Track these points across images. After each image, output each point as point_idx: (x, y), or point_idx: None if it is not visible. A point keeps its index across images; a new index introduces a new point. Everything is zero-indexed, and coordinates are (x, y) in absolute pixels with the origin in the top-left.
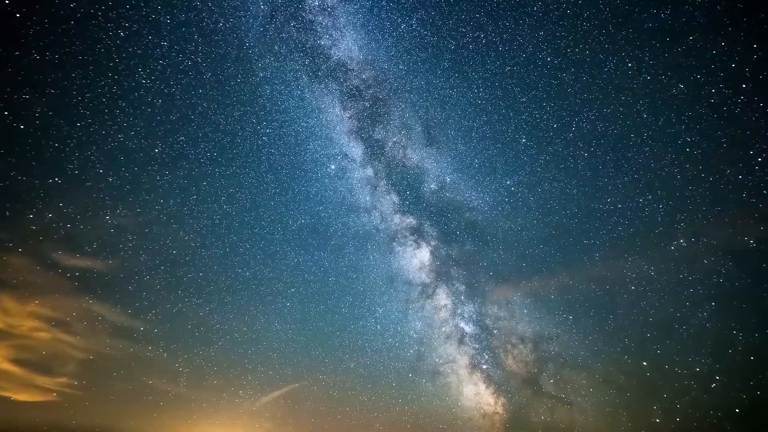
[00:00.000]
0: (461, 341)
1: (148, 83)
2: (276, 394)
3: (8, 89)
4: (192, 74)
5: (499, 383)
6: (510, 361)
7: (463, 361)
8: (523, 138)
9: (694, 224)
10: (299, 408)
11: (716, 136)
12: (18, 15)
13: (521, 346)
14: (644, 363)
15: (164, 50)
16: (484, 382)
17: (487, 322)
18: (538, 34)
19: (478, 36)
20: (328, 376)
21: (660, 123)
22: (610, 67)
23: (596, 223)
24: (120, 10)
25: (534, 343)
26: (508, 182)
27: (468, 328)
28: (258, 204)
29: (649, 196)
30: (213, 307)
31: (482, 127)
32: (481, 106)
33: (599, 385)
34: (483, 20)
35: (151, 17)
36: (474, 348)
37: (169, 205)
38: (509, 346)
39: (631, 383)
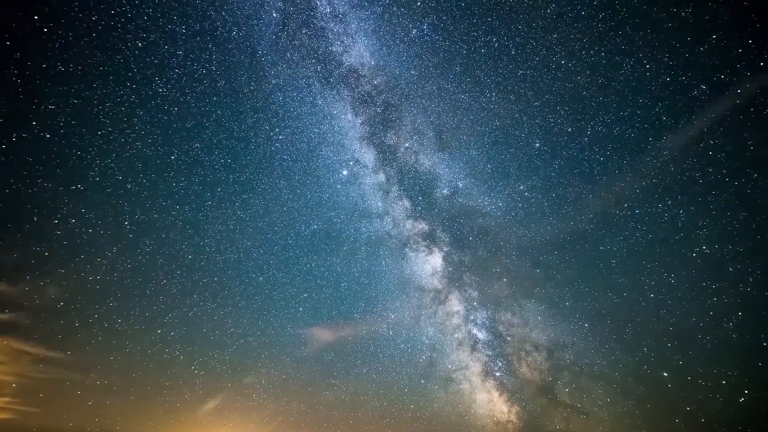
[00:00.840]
0: (474, 348)
1: (165, 92)
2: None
3: (36, 100)
4: (206, 82)
5: (512, 391)
6: (524, 369)
7: (476, 368)
8: (536, 142)
9: (718, 230)
10: (312, 412)
11: (743, 137)
12: (46, 30)
13: (535, 354)
14: (665, 374)
15: (179, 59)
16: (498, 390)
17: (500, 328)
18: (552, 37)
19: (490, 40)
20: (341, 380)
21: (681, 125)
22: (627, 68)
23: (612, 229)
24: (138, 22)
25: (548, 351)
26: (522, 187)
27: (481, 335)
28: (271, 210)
29: (668, 201)
30: (227, 311)
31: (495, 132)
32: (494, 110)
33: (617, 396)
34: (495, 24)
35: (167, 27)
36: (487, 355)
37: (185, 211)
38: (523, 354)
39: (650, 394)
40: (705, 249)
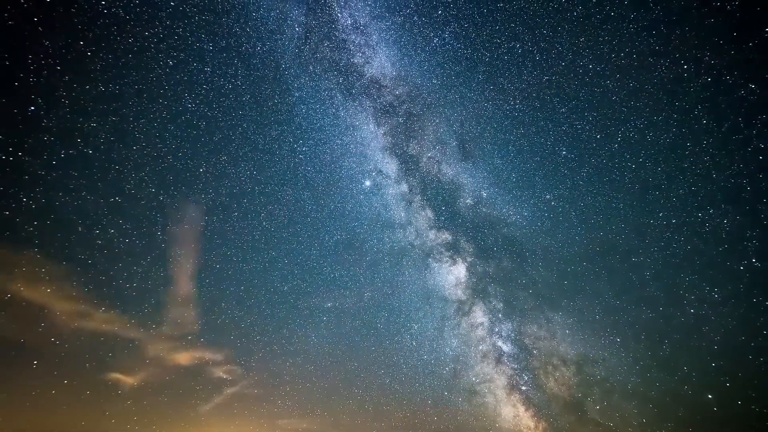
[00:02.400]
0: (499, 360)
1: (193, 107)
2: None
3: (80, 119)
4: (232, 97)
5: (539, 406)
6: (551, 384)
7: (501, 381)
8: (563, 150)
9: None
10: (335, 420)
11: None
12: (89, 53)
13: (563, 368)
14: (709, 396)
15: (207, 75)
16: (524, 404)
17: (526, 341)
18: (579, 41)
19: (514, 46)
20: (364, 390)
21: (724, 129)
22: (662, 70)
23: (646, 240)
24: (169, 41)
25: (577, 366)
26: (548, 196)
27: (506, 347)
28: (295, 220)
29: (710, 210)
30: (253, 319)
31: (519, 140)
32: (518, 118)
33: (654, 417)
34: (518, 29)
35: (196, 45)
36: (512, 368)
37: (213, 222)
38: (550, 368)
39: (693, 418)
40: (755, 262)
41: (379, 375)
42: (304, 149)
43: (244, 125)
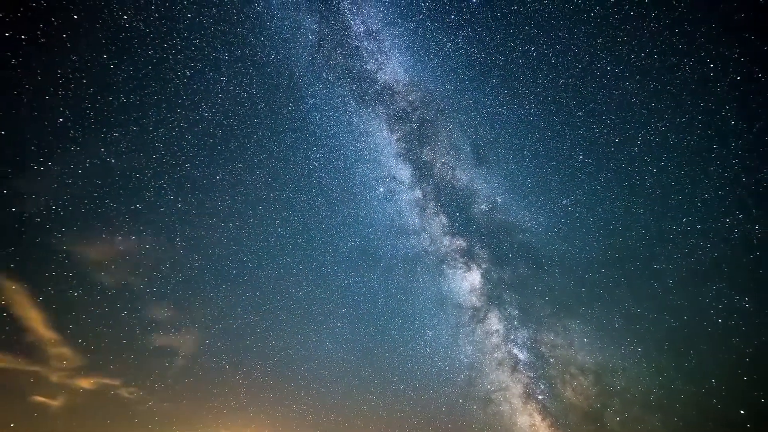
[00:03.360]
0: (514, 368)
1: (210, 116)
2: None
3: (104, 130)
4: (247, 105)
5: (556, 415)
6: (569, 393)
7: (517, 389)
8: (580, 155)
9: None
10: (349, 426)
11: None
12: (112, 66)
13: (581, 378)
14: (741, 411)
15: (223, 84)
16: (540, 414)
17: (543, 349)
18: (596, 42)
19: (528, 49)
20: (378, 396)
21: (755, 129)
22: (686, 70)
23: (668, 246)
24: (187, 52)
25: (596, 375)
26: (565, 202)
27: (522, 355)
28: (310, 227)
29: (739, 215)
30: (269, 324)
31: (535, 145)
32: (533, 122)
33: (679, 430)
34: (533, 32)
35: (212, 56)
36: (528, 376)
37: (229, 228)
38: (567, 377)
39: None
40: None
41: (393, 381)
42: (318, 156)
43: (259, 133)
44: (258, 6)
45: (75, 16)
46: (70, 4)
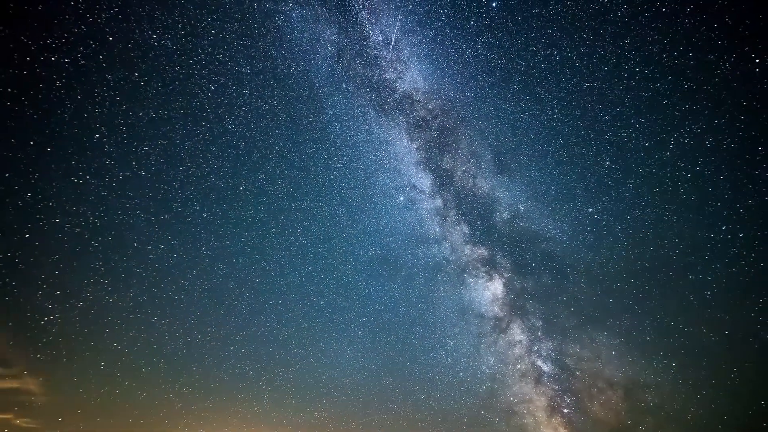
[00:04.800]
0: (538, 381)
1: (233, 128)
2: None
3: (135, 143)
4: (269, 117)
5: (583, 430)
6: (596, 408)
7: (541, 402)
8: (606, 160)
9: None
10: None
11: None
12: (142, 83)
13: (609, 392)
14: None
15: (245, 97)
16: (566, 428)
17: (568, 362)
18: (624, 42)
19: (551, 53)
20: (399, 405)
21: None
22: (726, 67)
23: (706, 256)
24: (211, 67)
25: (626, 390)
26: (590, 210)
27: (546, 367)
28: (331, 236)
29: None
30: (291, 332)
31: (558, 152)
32: (557, 128)
33: None
34: (556, 35)
35: (235, 70)
36: (553, 389)
37: (252, 238)
38: (595, 391)
39: None
40: None
41: (414, 391)
42: (338, 166)
43: (281, 144)
44: (278, 20)
45: (110, 38)
46: (106, 27)
